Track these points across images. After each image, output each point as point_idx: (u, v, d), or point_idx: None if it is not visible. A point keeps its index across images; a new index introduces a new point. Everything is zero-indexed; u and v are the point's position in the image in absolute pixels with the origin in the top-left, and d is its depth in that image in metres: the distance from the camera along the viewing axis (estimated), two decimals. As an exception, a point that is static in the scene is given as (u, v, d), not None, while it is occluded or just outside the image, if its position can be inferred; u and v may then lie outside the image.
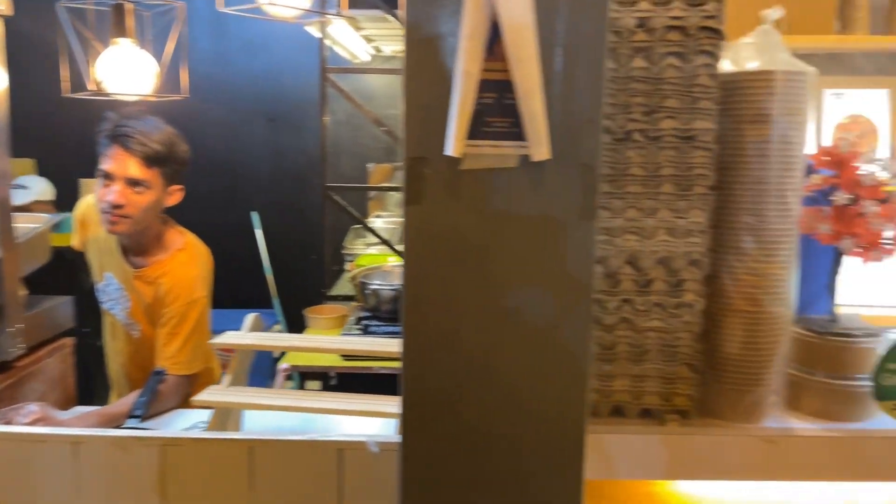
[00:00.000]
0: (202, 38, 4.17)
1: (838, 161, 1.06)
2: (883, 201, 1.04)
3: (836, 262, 1.11)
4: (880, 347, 1.04)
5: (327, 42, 3.11)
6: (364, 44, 3.60)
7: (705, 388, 1.07)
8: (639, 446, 1.04)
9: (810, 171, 1.08)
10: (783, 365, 1.09)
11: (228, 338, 1.34)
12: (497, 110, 0.78)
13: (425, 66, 0.78)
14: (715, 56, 0.97)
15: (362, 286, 2.66)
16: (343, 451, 0.98)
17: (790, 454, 1.02)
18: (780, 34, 1.05)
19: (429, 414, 0.84)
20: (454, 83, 0.76)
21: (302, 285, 3.52)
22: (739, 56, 1.03)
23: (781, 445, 1.02)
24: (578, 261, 0.85)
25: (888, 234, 1.06)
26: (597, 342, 1.05)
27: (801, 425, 1.05)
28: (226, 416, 1.22)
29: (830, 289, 1.13)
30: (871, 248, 1.05)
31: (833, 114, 2.17)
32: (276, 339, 1.37)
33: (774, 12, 1.03)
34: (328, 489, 0.97)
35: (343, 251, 3.66)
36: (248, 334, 1.34)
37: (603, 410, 1.07)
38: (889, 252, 1.05)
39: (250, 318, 1.39)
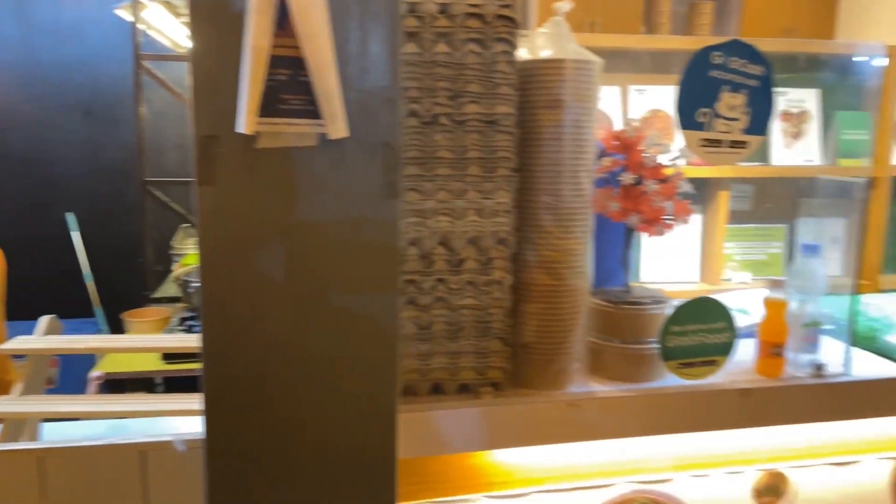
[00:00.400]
0: (1, 23, 3.74)
1: (626, 145, 1.16)
2: (663, 181, 1.16)
3: (628, 238, 1.22)
4: (667, 314, 1.15)
5: (143, 28, 2.91)
6: (185, 30, 3.41)
7: (516, 359, 1.12)
8: (456, 421, 1.07)
9: (602, 154, 1.17)
10: (584, 334, 1.17)
11: (18, 343, 1.21)
12: (292, 87, 0.77)
13: (213, 40, 0.75)
14: (512, 44, 1.02)
15: (185, 284, 2.53)
16: (146, 453, 0.92)
17: (592, 415, 1.11)
18: (593, 32, 1.13)
19: (233, 404, 0.81)
20: (243, 59, 0.74)
21: (127, 290, 3.26)
22: (535, 45, 1.09)
23: (584, 408, 1.10)
24: (384, 240, 0.85)
25: (668, 210, 1.17)
26: (414, 322, 1.07)
27: (602, 388, 1.13)
28: (18, 427, 1.10)
29: (624, 262, 1.23)
30: (654, 223, 1.15)
31: (637, 108, 2.37)
32: (72, 341, 1.26)
33: (565, 5, 1.11)
34: (131, 493, 0.90)
35: (171, 251, 3.45)
36: (40, 338, 1.22)
37: (423, 389, 1.09)
38: (669, 227, 1.17)
39: (44, 320, 1.27)
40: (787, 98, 2.44)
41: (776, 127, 2.44)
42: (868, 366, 1.26)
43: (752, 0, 3.78)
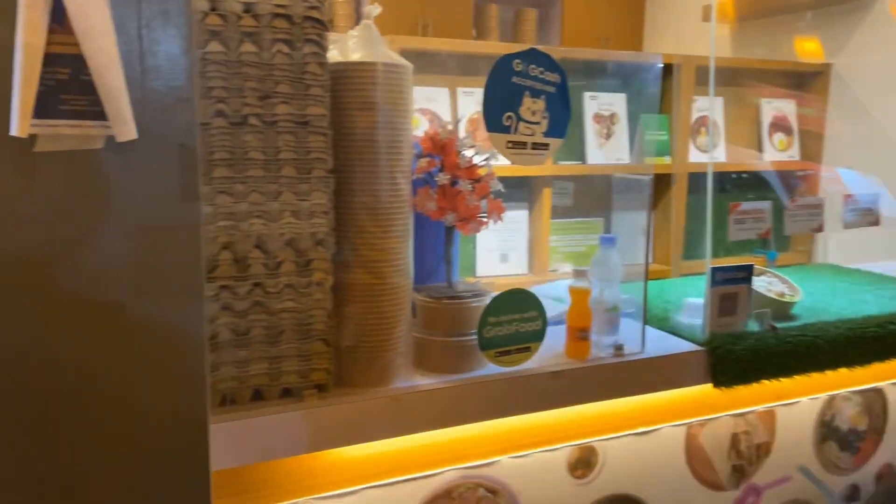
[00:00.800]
0: None
1: (440, 146, 1.20)
2: (477, 181, 1.22)
3: (449, 236, 1.26)
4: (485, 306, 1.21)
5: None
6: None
7: (340, 360, 1.13)
8: (279, 426, 1.06)
9: (420, 155, 1.21)
10: (409, 330, 1.21)
11: None
12: (74, 87, 0.72)
13: (-23, 34, 0.69)
14: (321, 45, 1.03)
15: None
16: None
17: (417, 409, 1.14)
18: (424, 36, 1.15)
19: (17, 429, 0.75)
20: (15, 57, 0.68)
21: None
22: (346, 47, 1.10)
23: (408, 402, 1.13)
24: (186, 245, 0.82)
25: (483, 208, 1.23)
26: (230, 328, 1.04)
27: (426, 381, 1.17)
28: None
29: (447, 259, 1.28)
30: (470, 221, 1.21)
31: (465, 109, 2.46)
32: None
33: (374, 9, 1.13)
34: None
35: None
36: None
37: (243, 396, 1.07)
38: (484, 224, 1.23)
39: None
40: (599, 101, 2.65)
41: (590, 128, 2.64)
42: (661, 343, 1.40)
43: (570, 10, 4.07)
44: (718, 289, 1.40)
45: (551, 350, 1.32)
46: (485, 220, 1.23)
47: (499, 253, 2.60)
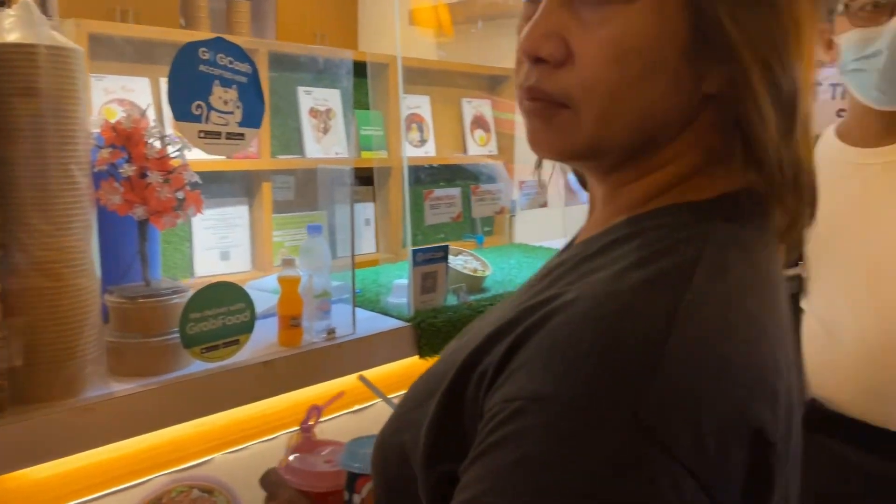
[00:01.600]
0: None
1: (125, 136, 1.13)
2: (170, 172, 1.17)
3: (142, 231, 1.20)
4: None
5: None
6: None
7: (17, 374, 1.02)
8: (-62, 457, 0.92)
9: (101, 146, 1.13)
10: (100, 334, 1.12)
11: None
12: None
13: None
14: (-37, 21, 0.91)
15: None
16: None
17: (113, 417, 1.07)
18: (126, 22, 1.05)
19: None
20: None
21: None
22: (1, 28, 0.98)
23: (101, 411, 1.05)
24: None
25: (179, 201, 1.20)
26: None
27: (121, 386, 1.10)
28: None
29: (142, 256, 1.22)
30: (164, 214, 1.16)
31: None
32: None
33: (34, -13, 1.02)
34: None
35: None
36: None
37: None
38: (179, 216, 1.19)
39: None
40: (314, 97, 2.70)
41: (307, 122, 2.68)
42: (372, 323, 1.49)
43: (284, 4, 4.06)
44: (420, 268, 1.53)
45: (265, 340, 1.33)
46: (180, 213, 1.19)
47: (218, 251, 2.52)
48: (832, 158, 1.22)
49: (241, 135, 1.21)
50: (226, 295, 1.21)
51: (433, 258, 1.55)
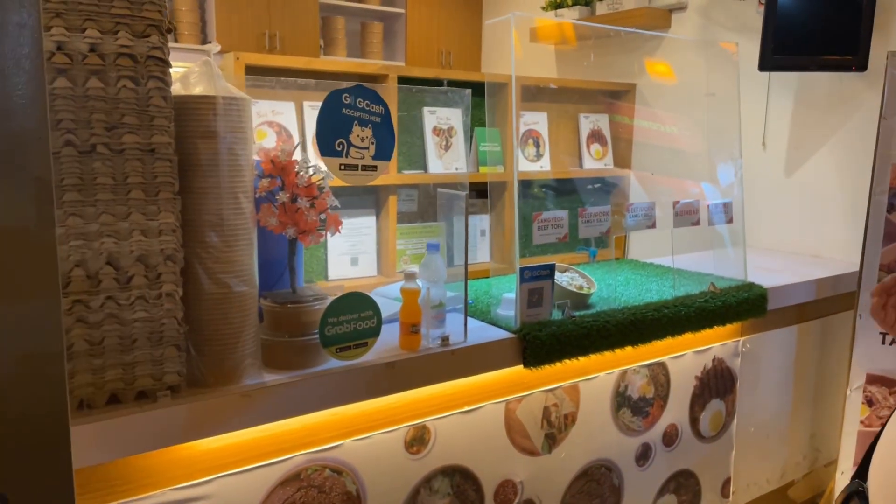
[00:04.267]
0: None
1: (280, 167, 1.35)
2: (315, 197, 1.38)
3: (292, 247, 1.41)
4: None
5: None
6: None
7: (192, 363, 1.25)
8: (136, 425, 1.16)
9: (262, 175, 1.35)
10: (257, 333, 1.34)
11: None
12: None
13: None
14: (164, 81, 1.15)
15: None
16: None
17: (264, 402, 1.29)
18: (271, 47, 1.26)
19: None
20: None
21: None
22: (188, 82, 1.22)
23: (255, 397, 1.27)
24: (43, 268, 0.92)
25: (322, 222, 1.40)
26: (85, 339, 1.13)
27: (272, 377, 1.32)
28: None
29: (290, 268, 1.43)
30: (310, 233, 1.37)
31: (312, 122, 2.59)
32: None
33: (214, 47, 1.26)
34: None
35: None
36: None
37: (99, 401, 1.16)
38: (322, 236, 1.40)
39: None
40: (437, 116, 2.89)
41: (430, 140, 2.87)
42: (482, 333, 1.64)
43: (413, 24, 4.31)
44: (526, 285, 1.66)
45: (388, 343, 1.51)
46: (323, 232, 1.39)
47: (349, 257, 2.76)
48: None
49: (375, 167, 1.40)
50: (357, 303, 1.40)
51: (540, 275, 1.67)
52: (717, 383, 2.15)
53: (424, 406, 1.56)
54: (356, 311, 1.40)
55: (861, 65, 2.46)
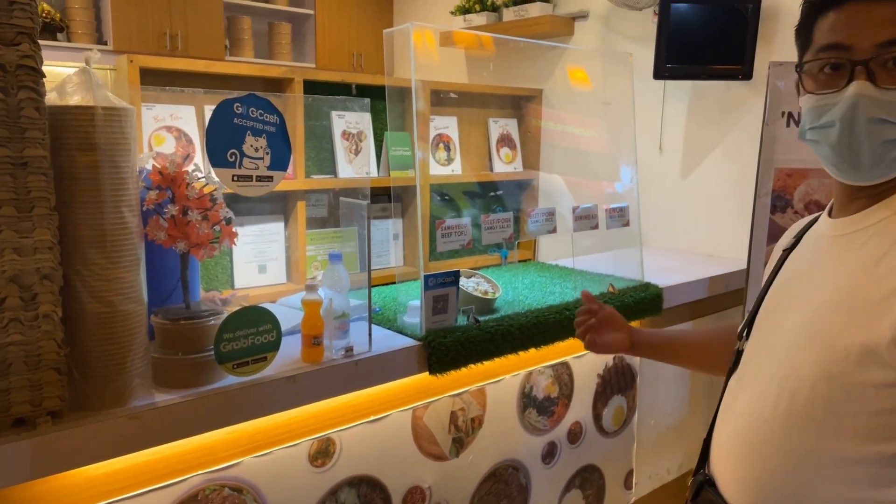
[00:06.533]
0: None
1: (170, 179, 1.30)
2: (208, 209, 1.34)
3: (184, 262, 1.37)
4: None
5: None
6: None
7: (76, 386, 1.19)
8: (14, 454, 1.09)
9: (149, 187, 1.30)
10: (146, 351, 1.29)
11: None
12: None
13: None
14: (37, 91, 1.08)
15: None
16: None
17: (156, 423, 1.24)
18: (173, 48, 1.20)
19: None
20: None
21: None
22: (65, 91, 1.16)
23: (146, 418, 1.22)
24: None
25: (215, 234, 1.36)
26: (-50, 367, 1.06)
27: (164, 397, 1.27)
28: None
29: (183, 283, 1.38)
30: (202, 247, 1.33)
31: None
32: None
33: (94, 55, 1.20)
34: None
35: None
36: None
37: (-30, 431, 1.09)
38: (215, 248, 1.36)
39: None
40: (346, 120, 2.86)
41: (339, 145, 2.84)
42: (388, 341, 1.64)
43: (323, 26, 4.26)
44: (431, 292, 1.67)
45: (290, 356, 1.49)
46: (217, 245, 1.35)
47: (256, 264, 2.70)
48: (816, 228, 1.05)
49: (270, 177, 1.37)
50: (255, 317, 1.37)
51: (444, 283, 1.69)
52: (619, 380, 2.24)
53: (329, 418, 1.54)
54: (254, 325, 1.36)
55: (746, 74, 2.61)
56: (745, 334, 1.07)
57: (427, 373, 1.64)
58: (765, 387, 0.95)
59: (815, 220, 1.07)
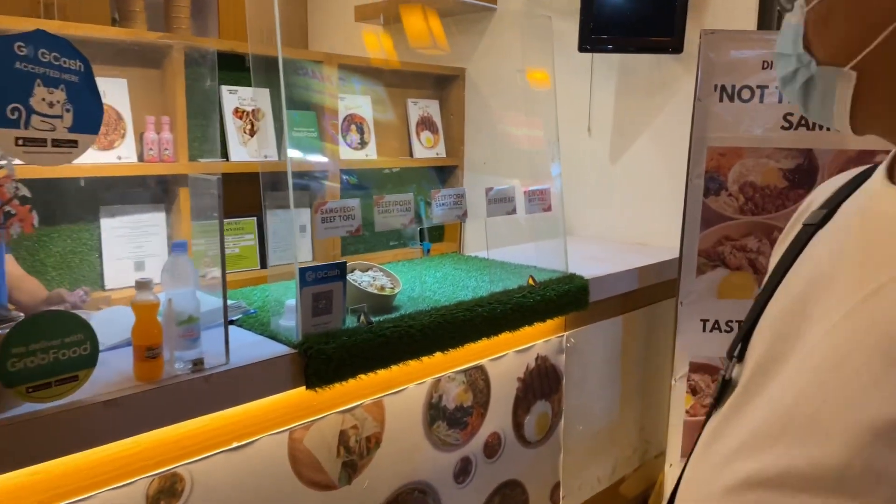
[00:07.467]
0: None
1: (-71, 144, 0.97)
2: (-10, 185, 1.02)
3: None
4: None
5: None
6: None
7: None
8: None
9: None
10: None
11: None
12: None
13: None
14: None
15: None
16: None
17: None
18: (48, 18, 0.89)
19: None
20: None
21: None
22: None
23: None
24: None
25: (7, 216, 1.04)
26: None
27: (-83, 437, 0.94)
28: None
29: (-36, 281, 1.06)
30: (-22, 233, 1.01)
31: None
32: None
33: None
34: None
35: None
36: None
37: None
38: (6, 236, 1.04)
39: None
40: (239, 96, 2.53)
41: (231, 123, 2.51)
42: (254, 350, 1.34)
43: (227, 1, 3.88)
44: (309, 289, 1.38)
45: (120, 373, 1.18)
46: (2, 231, 1.03)
47: (132, 261, 2.34)
48: (864, 198, 0.64)
49: (74, 141, 1.05)
50: (58, 326, 1.05)
51: (326, 277, 1.40)
52: (542, 383, 2.00)
53: (174, 449, 1.24)
54: (57, 335, 1.05)
55: (677, 47, 2.41)
56: (736, 353, 0.68)
57: (304, 387, 1.36)
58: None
59: (860, 181, 0.66)
